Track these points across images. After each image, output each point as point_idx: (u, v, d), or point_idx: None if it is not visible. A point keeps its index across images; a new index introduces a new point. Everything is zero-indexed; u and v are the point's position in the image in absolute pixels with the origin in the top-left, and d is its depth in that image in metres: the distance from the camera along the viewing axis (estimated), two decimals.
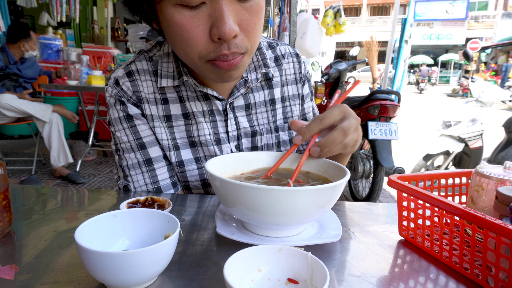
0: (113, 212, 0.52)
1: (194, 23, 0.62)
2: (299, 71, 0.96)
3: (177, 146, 0.84)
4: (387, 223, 0.71)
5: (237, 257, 0.45)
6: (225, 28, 0.60)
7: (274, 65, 0.93)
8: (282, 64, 0.94)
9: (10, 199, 0.61)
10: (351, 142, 0.67)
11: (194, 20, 0.62)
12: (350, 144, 0.67)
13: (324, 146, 0.65)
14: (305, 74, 0.97)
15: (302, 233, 0.61)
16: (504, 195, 0.51)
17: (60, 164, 3.59)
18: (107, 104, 0.84)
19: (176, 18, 0.62)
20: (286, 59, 0.95)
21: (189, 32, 0.63)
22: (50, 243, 0.57)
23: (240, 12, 0.63)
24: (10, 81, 3.70)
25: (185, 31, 0.63)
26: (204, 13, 0.61)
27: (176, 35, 0.65)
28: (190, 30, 0.62)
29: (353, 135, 0.67)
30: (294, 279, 0.46)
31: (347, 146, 0.67)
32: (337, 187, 0.55)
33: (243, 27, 0.64)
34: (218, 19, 0.60)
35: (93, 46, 5.67)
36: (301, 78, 0.97)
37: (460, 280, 0.50)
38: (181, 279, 0.48)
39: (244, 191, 0.52)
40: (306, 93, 0.98)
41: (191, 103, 0.83)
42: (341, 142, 0.66)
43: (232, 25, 0.61)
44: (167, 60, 0.82)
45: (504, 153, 3.29)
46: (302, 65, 0.97)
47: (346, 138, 0.66)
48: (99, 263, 0.42)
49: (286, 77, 0.94)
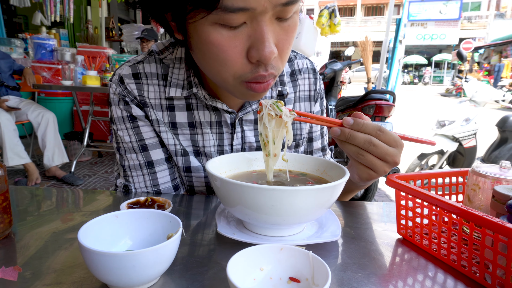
0: (115, 212, 0.52)
1: (232, 44, 0.58)
2: (314, 88, 0.94)
3: (186, 152, 0.83)
4: (384, 222, 0.71)
5: (240, 256, 0.45)
6: (265, 52, 0.57)
7: (289, 80, 0.90)
8: (297, 80, 0.91)
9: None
10: (377, 168, 0.64)
11: (233, 41, 0.58)
12: (375, 170, 0.65)
13: (352, 137, 0.62)
14: (319, 91, 0.95)
15: (302, 232, 0.62)
16: (501, 194, 0.52)
17: (54, 164, 3.56)
18: (110, 100, 0.82)
19: (212, 37, 0.57)
20: (302, 74, 0.92)
21: (225, 52, 0.59)
22: (51, 244, 0.57)
23: (278, 32, 0.59)
24: None
25: (222, 51, 0.59)
26: (243, 33, 0.57)
27: (211, 54, 0.60)
28: (227, 51, 0.58)
29: (382, 167, 0.64)
30: (296, 278, 0.46)
31: (372, 170, 0.65)
32: (336, 187, 0.55)
33: (279, 47, 0.61)
34: (259, 41, 0.57)
35: (87, 46, 5.64)
36: (314, 95, 0.94)
37: (458, 278, 0.51)
38: (184, 279, 0.49)
39: (245, 191, 0.52)
40: (317, 111, 0.95)
41: (199, 112, 0.81)
42: (369, 159, 0.63)
43: (272, 47, 0.58)
44: (178, 66, 0.79)
45: (498, 152, 3.34)
46: (318, 82, 0.94)
47: (379, 161, 0.63)
48: (103, 264, 0.42)
49: (300, 94, 0.92)
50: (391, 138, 0.63)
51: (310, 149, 0.99)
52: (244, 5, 0.53)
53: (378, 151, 0.62)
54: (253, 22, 0.56)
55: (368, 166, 0.65)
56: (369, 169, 0.65)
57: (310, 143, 0.98)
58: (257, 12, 0.54)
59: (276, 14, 0.57)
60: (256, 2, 0.53)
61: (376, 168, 0.64)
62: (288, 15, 0.59)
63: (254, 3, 0.53)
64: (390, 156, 0.63)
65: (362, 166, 0.66)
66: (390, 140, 0.63)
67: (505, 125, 3.30)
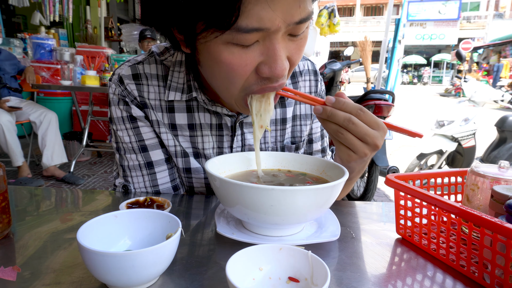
0: (114, 212, 0.52)
1: (243, 62, 0.57)
2: (315, 90, 0.94)
3: (186, 153, 0.83)
4: (383, 222, 0.72)
5: (239, 256, 0.45)
6: (278, 70, 0.57)
7: (290, 82, 0.90)
8: (298, 82, 0.91)
9: None
10: (357, 149, 0.64)
11: (244, 59, 0.57)
12: (356, 151, 0.64)
13: (332, 114, 0.62)
14: (320, 93, 0.95)
15: (301, 232, 0.62)
16: (500, 194, 0.52)
17: (53, 163, 3.56)
18: (109, 100, 0.81)
19: (224, 56, 0.57)
20: (303, 76, 0.92)
21: (236, 71, 0.58)
22: (50, 244, 0.57)
23: (289, 47, 0.59)
24: None
25: (232, 70, 0.58)
26: (255, 51, 0.57)
27: (220, 72, 0.60)
28: (238, 69, 0.58)
29: (362, 147, 0.64)
30: (295, 278, 0.46)
31: (352, 150, 0.64)
32: (335, 186, 0.55)
33: (291, 61, 0.61)
34: (271, 59, 0.57)
35: (86, 46, 5.63)
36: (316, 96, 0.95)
37: (457, 277, 0.51)
38: (183, 278, 0.49)
39: (244, 191, 0.52)
40: None
41: (200, 114, 0.81)
42: (349, 137, 0.63)
43: (284, 64, 0.58)
44: (178, 70, 0.79)
45: (497, 152, 3.34)
46: (319, 84, 0.94)
47: (358, 141, 0.63)
48: (102, 264, 0.42)
49: None
50: (372, 120, 0.63)
51: (310, 151, 0.99)
52: (258, 26, 0.52)
53: (358, 129, 0.62)
54: (265, 40, 0.56)
55: (348, 146, 0.64)
56: (349, 149, 0.65)
57: (310, 144, 0.99)
58: (270, 31, 0.54)
59: (289, 31, 0.57)
60: (271, 23, 0.53)
61: (355, 148, 0.64)
62: (300, 32, 0.59)
63: (268, 24, 0.53)
64: (370, 137, 0.63)
65: (342, 146, 0.65)
66: (371, 121, 0.63)
67: (504, 125, 3.31)
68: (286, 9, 0.52)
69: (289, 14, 0.53)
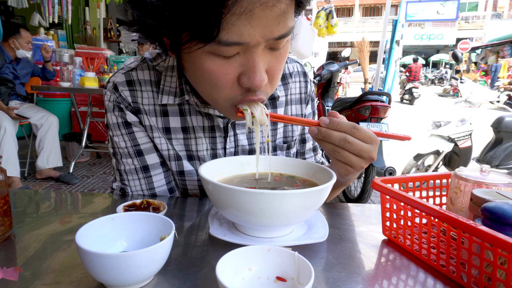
0: (111, 215, 0.54)
1: (224, 71, 0.61)
2: (304, 91, 0.97)
3: (179, 157, 0.86)
4: (372, 224, 0.74)
5: (229, 257, 0.48)
6: (256, 80, 0.60)
7: (280, 84, 0.93)
8: (288, 84, 0.94)
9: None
10: (354, 164, 0.66)
11: (225, 68, 0.61)
12: (350, 166, 0.67)
13: (328, 135, 0.64)
14: (310, 94, 0.98)
15: (291, 234, 0.64)
16: (478, 197, 0.54)
17: (49, 166, 3.60)
18: (105, 108, 0.84)
19: (206, 65, 0.61)
20: (293, 78, 0.95)
21: (218, 78, 0.62)
22: (50, 246, 0.60)
23: (269, 60, 0.63)
24: (6, 87, 3.63)
25: (214, 77, 0.62)
26: (236, 61, 0.60)
27: (204, 78, 0.64)
28: (220, 77, 0.62)
29: (359, 162, 0.66)
30: (282, 277, 0.49)
31: (349, 165, 0.67)
32: (323, 190, 0.58)
33: (270, 74, 0.64)
34: (250, 70, 0.60)
35: (86, 48, 5.65)
36: (306, 98, 0.97)
37: (437, 277, 0.54)
38: (176, 278, 0.51)
39: (235, 195, 0.55)
40: (308, 113, 0.99)
41: (192, 117, 0.84)
42: (345, 155, 0.65)
43: (263, 76, 0.61)
44: (171, 74, 0.82)
45: (493, 152, 3.37)
46: (309, 85, 0.97)
47: (355, 157, 0.65)
48: (99, 264, 0.44)
49: (291, 97, 0.95)
50: (366, 135, 0.65)
51: (302, 150, 1.02)
52: (238, 40, 0.56)
53: (353, 148, 0.65)
54: (246, 53, 0.59)
55: (345, 162, 0.67)
56: (346, 165, 0.67)
57: (303, 144, 1.01)
58: (250, 45, 0.57)
59: (269, 46, 0.61)
60: (250, 38, 0.56)
61: (352, 164, 0.66)
62: (280, 46, 0.62)
63: (248, 38, 0.56)
64: (365, 152, 0.65)
65: (340, 162, 0.68)
66: (365, 137, 0.65)
67: (500, 126, 3.34)
68: (265, 25, 0.55)
69: (269, 30, 0.56)
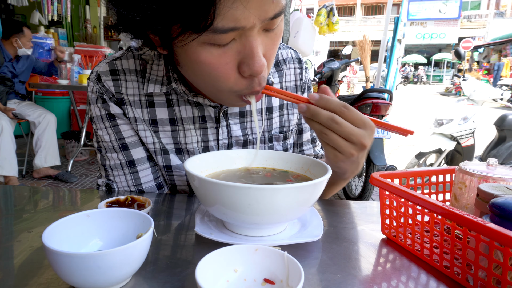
0: (87, 212, 0.50)
1: (223, 61, 0.57)
2: (300, 78, 0.92)
3: (166, 151, 0.81)
4: (371, 222, 0.70)
5: (211, 257, 0.43)
6: (256, 66, 0.57)
7: (274, 71, 0.89)
8: (282, 70, 0.90)
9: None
10: (342, 149, 0.60)
11: (223, 58, 0.57)
12: (345, 156, 0.61)
13: (315, 113, 0.59)
14: (306, 81, 0.93)
15: (283, 232, 0.60)
16: (485, 192, 0.50)
17: (47, 165, 3.57)
18: (88, 99, 0.80)
19: (203, 57, 0.57)
20: (288, 64, 0.91)
21: (217, 70, 0.58)
22: (21, 244, 0.56)
23: (265, 42, 0.59)
24: (4, 86, 3.60)
25: (214, 69, 0.58)
26: (232, 49, 0.57)
27: (203, 72, 0.60)
28: (219, 68, 0.58)
29: (348, 148, 0.60)
30: (270, 280, 0.45)
31: (338, 150, 0.61)
32: (317, 185, 0.53)
33: (267, 56, 0.61)
34: (249, 56, 0.57)
35: (85, 46, 5.60)
36: (301, 85, 0.92)
37: (440, 279, 0.49)
38: (155, 280, 0.47)
39: (222, 190, 0.51)
40: None
41: (180, 107, 0.79)
42: (336, 139, 0.60)
43: (262, 60, 0.57)
44: (158, 63, 0.77)
45: (496, 151, 3.32)
46: (304, 72, 0.93)
47: (343, 141, 0.60)
48: (66, 265, 0.40)
49: (286, 84, 0.90)
50: (357, 117, 0.60)
51: (300, 141, 0.97)
52: (234, 25, 0.52)
53: (342, 129, 0.59)
54: (242, 37, 0.56)
55: (333, 146, 0.61)
56: (334, 149, 0.62)
57: (300, 135, 0.97)
58: (246, 29, 0.54)
59: (264, 27, 0.57)
60: (246, 21, 0.52)
61: (340, 148, 0.60)
62: (275, 26, 0.59)
63: (244, 22, 0.52)
64: (356, 136, 0.59)
65: (328, 147, 0.62)
66: (356, 119, 0.59)
67: (503, 124, 3.28)
68: (260, 6, 0.52)
69: (263, 10, 0.53)
